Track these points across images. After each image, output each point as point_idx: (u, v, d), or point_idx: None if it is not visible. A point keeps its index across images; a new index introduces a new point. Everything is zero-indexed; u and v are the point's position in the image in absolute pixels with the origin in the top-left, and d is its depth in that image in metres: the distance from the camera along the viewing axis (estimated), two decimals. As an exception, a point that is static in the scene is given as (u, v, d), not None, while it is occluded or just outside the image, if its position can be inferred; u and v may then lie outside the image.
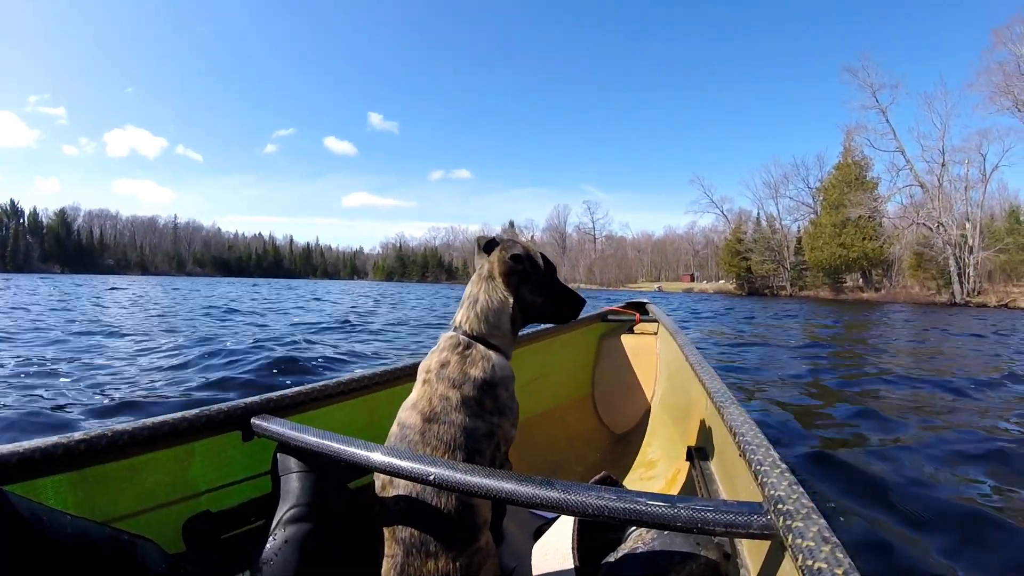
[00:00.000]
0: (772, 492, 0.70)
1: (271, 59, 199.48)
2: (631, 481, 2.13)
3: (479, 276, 1.25)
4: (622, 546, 1.02)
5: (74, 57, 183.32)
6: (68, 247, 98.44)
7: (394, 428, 1.14)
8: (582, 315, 2.07)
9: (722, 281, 61.27)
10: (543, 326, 2.26)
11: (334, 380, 1.46)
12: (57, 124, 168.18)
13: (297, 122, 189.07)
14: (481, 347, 1.18)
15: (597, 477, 1.20)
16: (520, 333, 1.29)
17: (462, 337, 1.19)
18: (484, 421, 1.12)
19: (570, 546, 1.08)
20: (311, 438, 1.07)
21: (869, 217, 40.32)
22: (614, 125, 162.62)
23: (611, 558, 1.00)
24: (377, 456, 0.96)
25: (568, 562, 1.07)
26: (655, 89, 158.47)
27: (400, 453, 0.97)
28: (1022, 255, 32.93)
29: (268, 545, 1.06)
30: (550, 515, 1.37)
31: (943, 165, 35.61)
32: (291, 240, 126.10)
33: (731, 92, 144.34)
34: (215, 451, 1.19)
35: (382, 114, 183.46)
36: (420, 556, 1.01)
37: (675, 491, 1.66)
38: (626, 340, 3.05)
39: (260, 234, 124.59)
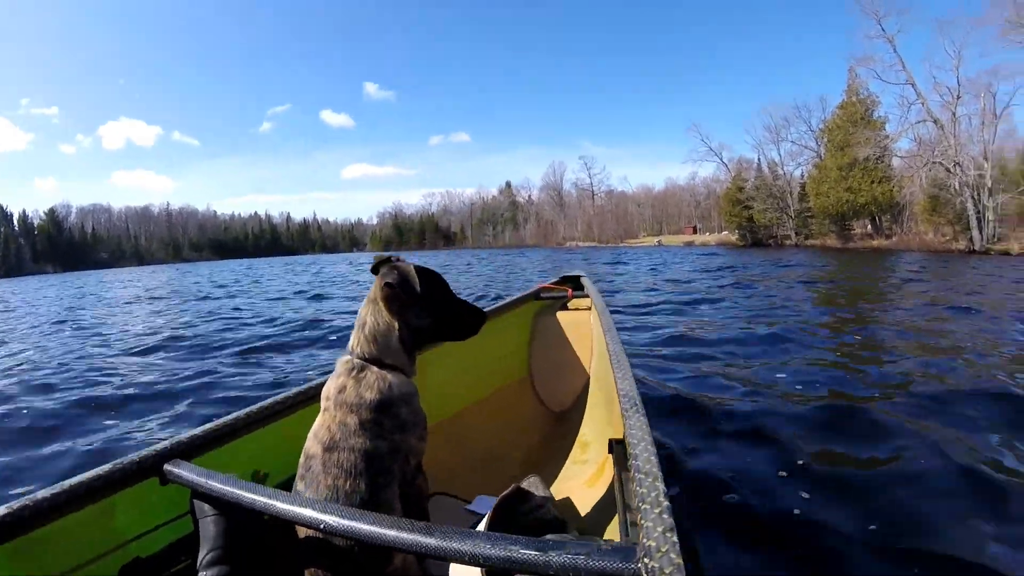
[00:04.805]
0: (646, 541, 0.71)
1: (261, 35, 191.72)
2: (566, 466, 2.08)
3: (368, 299, 1.27)
4: None
5: (62, 54, 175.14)
6: (60, 245, 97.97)
7: (302, 458, 1.17)
8: (517, 295, 2.89)
9: (724, 232, 58.98)
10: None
11: (244, 412, 1.44)
12: (51, 124, 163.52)
13: (291, 97, 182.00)
14: (375, 369, 1.20)
15: (508, 491, 1.17)
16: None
17: (356, 361, 1.21)
18: (386, 440, 1.15)
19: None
20: (217, 485, 1.09)
21: (878, 158, 37.49)
22: (608, 75, 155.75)
23: None
24: (276, 503, 0.99)
25: None
26: (647, 35, 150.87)
27: (297, 500, 0.99)
28: (1040, 200, 30.20)
29: None
30: (481, 514, 1.42)
31: (958, 98, 32.19)
32: (287, 217, 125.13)
33: (727, 31, 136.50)
34: (136, 500, 1.22)
35: (378, 83, 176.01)
36: None
37: (601, 481, 1.67)
38: (561, 317, 3.02)
39: (256, 213, 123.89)
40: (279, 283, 20.61)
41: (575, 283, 3.19)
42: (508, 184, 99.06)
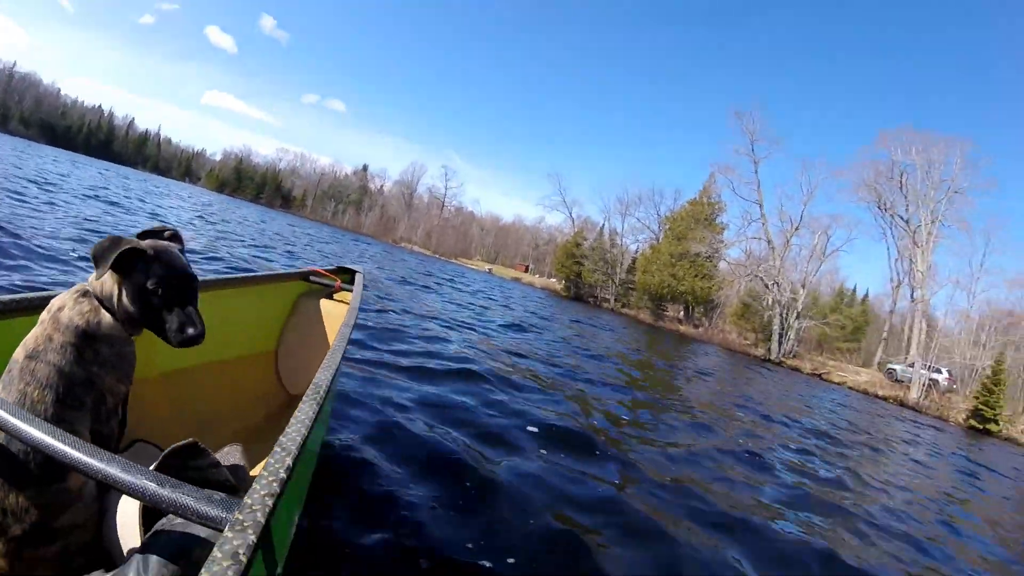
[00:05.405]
0: (248, 498, 0.77)
1: None
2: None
3: None
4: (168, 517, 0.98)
5: None
6: None
7: (10, 361, 1.14)
8: (288, 270, 2.92)
9: (553, 279, 59.53)
10: (243, 274, 2.46)
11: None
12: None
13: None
14: (95, 302, 1.20)
15: (184, 442, 1.16)
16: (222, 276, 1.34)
17: (89, 288, 1.22)
18: (83, 369, 1.15)
19: (137, 507, 1.07)
20: None
21: (708, 257, 40.28)
22: (495, 98, 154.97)
23: (161, 525, 0.97)
24: None
25: (135, 521, 1.06)
26: (543, 71, 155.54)
27: None
28: (838, 332, 34.66)
29: None
30: None
31: (796, 229, 36.17)
32: (131, 122, 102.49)
33: (619, 100, 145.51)
34: None
35: (277, 20, 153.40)
36: (1, 488, 1.03)
37: None
38: (324, 304, 2.98)
39: (100, 107, 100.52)
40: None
41: (350, 276, 3.25)
42: (365, 167, 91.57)
